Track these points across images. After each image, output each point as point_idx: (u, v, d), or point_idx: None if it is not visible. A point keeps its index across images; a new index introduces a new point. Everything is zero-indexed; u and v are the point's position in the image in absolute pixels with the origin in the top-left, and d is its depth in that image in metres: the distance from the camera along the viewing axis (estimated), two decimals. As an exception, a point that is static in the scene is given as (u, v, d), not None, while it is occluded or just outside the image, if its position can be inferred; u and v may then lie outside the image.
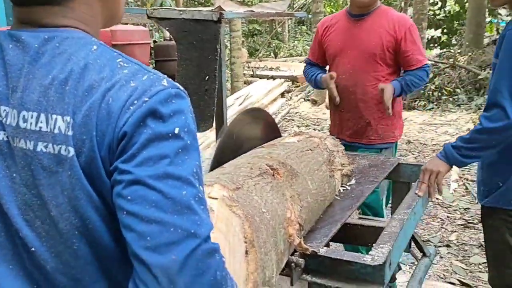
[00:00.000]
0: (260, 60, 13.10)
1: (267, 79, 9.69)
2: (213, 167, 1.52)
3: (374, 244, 1.30)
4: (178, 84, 0.71)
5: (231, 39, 8.60)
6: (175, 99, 0.67)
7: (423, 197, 1.80)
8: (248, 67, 11.16)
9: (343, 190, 1.72)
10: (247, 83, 9.47)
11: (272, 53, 15.06)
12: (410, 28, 2.28)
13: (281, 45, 15.79)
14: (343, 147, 1.80)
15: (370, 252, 1.25)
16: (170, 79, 0.71)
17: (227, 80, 9.36)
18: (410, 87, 2.29)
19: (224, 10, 1.42)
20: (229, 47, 8.87)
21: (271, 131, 2.04)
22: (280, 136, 2.10)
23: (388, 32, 2.25)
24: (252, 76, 10.49)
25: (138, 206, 0.61)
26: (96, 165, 0.64)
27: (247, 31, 16.09)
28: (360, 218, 2.05)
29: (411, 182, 2.18)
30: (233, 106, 7.26)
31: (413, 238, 2.21)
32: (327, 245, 1.51)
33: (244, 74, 10.17)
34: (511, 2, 1.70)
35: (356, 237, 1.74)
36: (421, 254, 2.19)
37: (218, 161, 1.60)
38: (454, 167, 1.91)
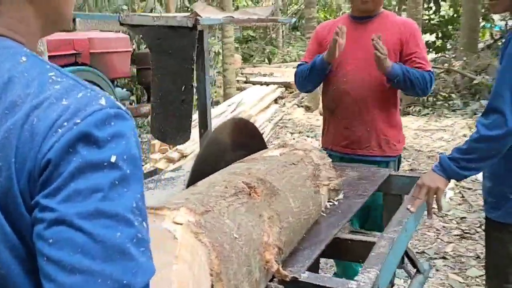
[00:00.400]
0: (254, 66, 13.03)
1: (261, 85, 9.60)
2: (190, 183, 1.42)
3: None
4: (119, 103, 0.61)
5: (224, 46, 8.52)
6: (114, 120, 0.57)
7: (415, 213, 1.70)
8: (242, 74, 11.08)
9: (330, 205, 1.62)
10: (240, 89, 9.38)
11: (266, 59, 15.00)
12: (416, 32, 2.17)
13: (275, 51, 15.73)
14: (330, 160, 1.69)
15: (356, 278, 1.15)
16: (110, 97, 0.60)
17: (220, 87, 9.28)
18: (409, 77, 2.06)
19: (200, 16, 1.32)
20: (221, 54, 8.79)
21: (256, 142, 1.94)
22: (266, 147, 2.00)
23: (394, 35, 2.13)
24: (245, 82, 10.40)
25: (60, 251, 0.50)
26: (14, 198, 0.53)
27: (241, 38, 16.03)
28: (351, 232, 1.95)
29: (403, 194, 2.08)
30: (225, 113, 7.16)
31: (406, 252, 2.11)
32: (316, 264, 1.40)
33: (237, 80, 10.08)
34: None
35: (347, 252, 1.65)
36: (415, 270, 2.10)
37: (196, 176, 1.50)
38: None
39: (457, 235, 3.42)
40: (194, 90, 1.57)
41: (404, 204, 1.71)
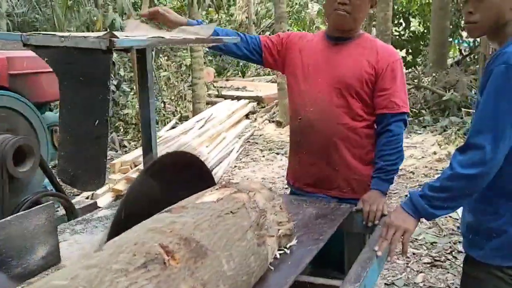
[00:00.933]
0: (227, 80, 12.84)
1: (232, 99, 9.40)
2: (111, 235, 1.18)
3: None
4: None
5: (193, 59, 8.29)
6: None
7: (382, 256, 1.51)
8: (215, 87, 10.86)
9: (280, 255, 1.39)
10: (211, 103, 9.15)
11: (239, 72, 14.85)
12: (394, 63, 1.85)
13: (249, 65, 15.61)
14: (281, 200, 1.47)
15: None
16: None
17: (190, 101, 9.01)
18: (391, 170, 1.85)
19: (116, 37, 1.09)
20: (191, 68, 8.56)
21: (201, 179, 1.70)
22: (213, 183, 1.77)
23: (370, 63, 1.84)
24: (217, 96, 10.18)
25: None
26: None
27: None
28: (310, 273, 1.73)
29: (366, 234, 1.89)
30: (193, 130, 6.91)
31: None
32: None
33: (209, 94, 9.85)
34: (490, 33, 1.47)
35: None
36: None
37: (120, 225, 1.25)
38: None
39: (428, 263, 3.26)
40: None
41: (364, 251, 1.50)
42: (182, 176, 1.57)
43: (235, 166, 6.12)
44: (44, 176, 2.13)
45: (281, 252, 1.41)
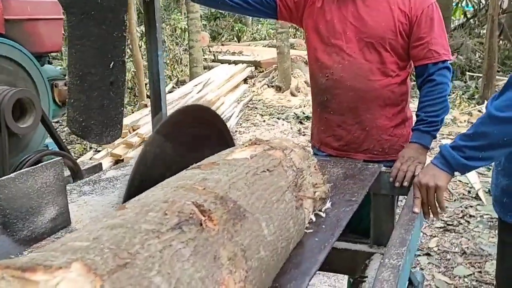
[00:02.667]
0: (223, 44, 12.50)
1: (229, 64, 9.13)
2: (127, 197, 1.03)
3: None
4: None
5: (189, 21, 7.97)
6: None
7: (419, 214, 1.38)
8: (210, 52, 10.55)
9: (315, 219, 1.25)
10: (208, 68, 8.88)
11: (235, 37, 14.45)
12: (430, 7, 1.66)
13: (245, 29, 15.19)
14: (315, 160, 1.31)
15: None
16: None
17: (186, 66, 8.74)
18: (432, 122, 1.68)
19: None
20: (187, 30, 8.25)
21: (220, 138, 1.54)
22: (233, 144, 1.61)
23: (403, 11, 1.66)
24: (213, 61, 9.90)
25: None
26: None
27: (209, 14, 15.37)
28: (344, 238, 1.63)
29: (395, 195, 1.76)
30: (191, 94, 6.70)
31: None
32: None
33: (205, 59, 9.56)
34: None
35: (332, 263, 1.36)
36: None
37: (137, 186, 1.10)
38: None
39: (440, 227, 3.18)
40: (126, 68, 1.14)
41: (403, 213, 1.37)
42: (200, 133, 1.41)
43: (236, 131, 5.96)
44: (45, 134, 1.95)
45: (316, 215, 1.28)
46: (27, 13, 2.10)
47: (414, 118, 1.83)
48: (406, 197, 1.53)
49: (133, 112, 6.01)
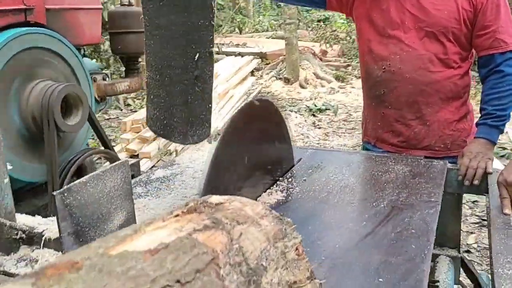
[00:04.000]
0: (225, 36, 12.32)
1: (235, 56, 8.98)
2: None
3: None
4: None
5: (196, 12, 7.80)
6: None
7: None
8: (213, 44, 10.38)
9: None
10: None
11: (236, 29, 14.27)
12: None
13: (246, 20, 15.01)
14: (299, 238, 0.69)
15: None
16: None
17: (192, 58, 8.58)
18: (501, 116, 1.59)
19: None
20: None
21: (278, 130, 1.44)
22: (289, 137, 1.51)
23: None
24: (218, 53, 9.74)
25: None
26: None
27: (210, 5, 15.17)
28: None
29: (462, 193, 1.66)
30: (201, 87, 6.57)
31: (462, 262, 1.71)
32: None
33: (209, 51, 9.41)
34: None
35: None
36: (473, 285, 1.71)
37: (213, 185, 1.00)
38: None
39: (475, 223, 3.09)
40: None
41: (493, 214, 1.27)
42: (261, 127, 1.31)
43: (248, 125, 5.85)
44: (88, 132, 1.81)
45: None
46: (68, 2, 1.96)
47: (472, 110, 1.75)
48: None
49: (141, 107, 5.87)
